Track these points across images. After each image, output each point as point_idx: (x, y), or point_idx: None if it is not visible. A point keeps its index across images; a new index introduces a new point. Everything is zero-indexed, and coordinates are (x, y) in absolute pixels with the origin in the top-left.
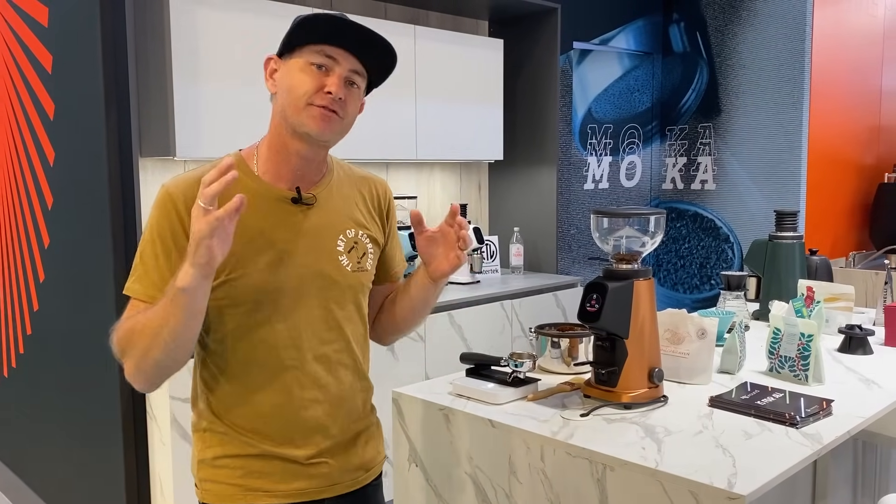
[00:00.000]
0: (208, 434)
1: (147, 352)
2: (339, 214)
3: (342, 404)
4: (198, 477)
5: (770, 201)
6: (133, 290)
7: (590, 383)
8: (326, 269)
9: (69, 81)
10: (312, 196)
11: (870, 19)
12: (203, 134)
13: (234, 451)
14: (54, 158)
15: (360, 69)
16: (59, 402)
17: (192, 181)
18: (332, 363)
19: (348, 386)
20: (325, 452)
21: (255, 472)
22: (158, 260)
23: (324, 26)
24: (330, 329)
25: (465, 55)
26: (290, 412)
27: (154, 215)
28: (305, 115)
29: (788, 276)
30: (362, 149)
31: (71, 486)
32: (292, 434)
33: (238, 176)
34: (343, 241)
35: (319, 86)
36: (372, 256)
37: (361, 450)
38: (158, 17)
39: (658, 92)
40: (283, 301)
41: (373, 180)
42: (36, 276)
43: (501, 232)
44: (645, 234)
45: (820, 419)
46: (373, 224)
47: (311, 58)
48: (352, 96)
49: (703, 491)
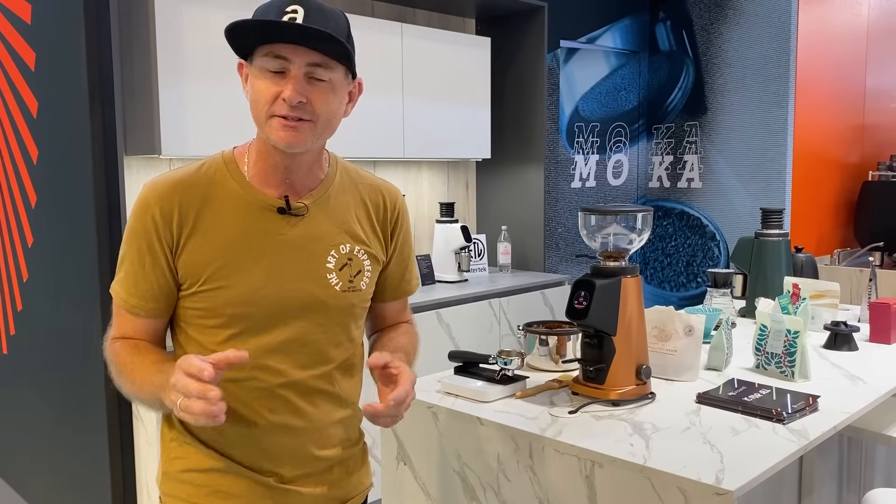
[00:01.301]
0: (175, 444)
1: (130, 393)
2: (334, 227)
3: (317, 433)
4: (161, 490)
5: (756, 199)
6: (115, 291)
7: (578, 380)
8: (310, 289)
9: (53, 79)
10: (303, 206)
11: (854, 18)
12: (189, 132)
13: (200, 464)
14: (38, 157)
15: (321, 60)
16: (43, 402)
17: (171, 185)
18: (307, 390)
19: (326, 414)
20: (296, 480)
21: (220, 491)
22: (134, 265)
23: (254, 30)
24: (309, 354)
25: (453, 53)
26: (257, 437)
27: (131, 219)
28: (269, 128)
29: (774, 273)
30: (349, 147)
31: (56, 488)
32: (259, 460)
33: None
34: (335, 257)
35: (276, 93)
36: (369, 275)
37: (341, 481)
38: (143, 13)
39: (645, 90)
40: (259, 320)
41: (382, 189)
42: (19, 276)
43: (489, 230)
44: (632, 231)
45: (806, 415)
46: (374, 239)
47: (265, 63)
48: (318, 92)
49: (691, 487)
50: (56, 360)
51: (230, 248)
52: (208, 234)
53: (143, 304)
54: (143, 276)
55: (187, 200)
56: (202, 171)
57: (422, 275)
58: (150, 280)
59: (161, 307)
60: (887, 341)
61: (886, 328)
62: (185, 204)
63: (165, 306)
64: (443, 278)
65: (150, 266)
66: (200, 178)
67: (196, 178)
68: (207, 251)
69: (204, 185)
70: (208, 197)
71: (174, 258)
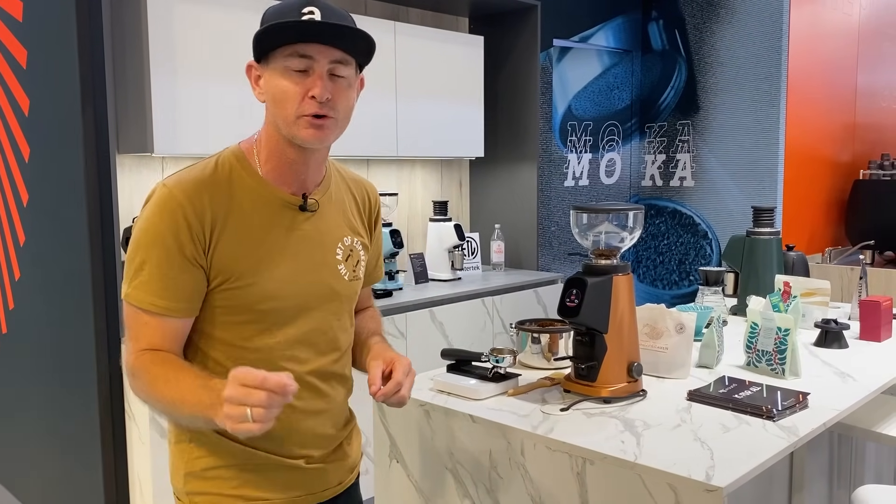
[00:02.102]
0: (194, 445)
1: (160, 409)
2: (337, 220)
3: (337, 412)
4: (184, 490)
5: (748, 198)
6: (135, 298)
7: (570, 378)
8: (327, 280)
9: (45, 77)
10: (316, 202)
11: (845, 18)
12: (181, 130)
13: (227, 460)
14: (29, 155)
15: (341, 57)
16: (35, 401)
17: (197, 184)
18: (328, 375)
19: (342, 394)
20: (322, 458)
21: (250, 481)
22: (162, 267)
23: (289, 30)
24: (328, 341)
25: (446, 52)
26: (287, 424)
27: (156, 218)
28: (297, 127)
29: (766, 271)
30: (342, 146)
31: (48, 486)
32: (290, 444)
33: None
34: (341, 248)
35: (303, 92)
36: (363, 263)
37: (349, 452)
38: (136, 11)
39: (637, 89)
40: (285, 313)
41: (363, 183)
42: (11, 275)
43: (482, 229)
44: (624, 229)
45: (796, 412)
46: (364, 230)
47: (288, 62)
48: (339, 89)
49: (681, 483)
50: (48, 359)
51: (257, 245)
52: (237, 232)
53: (175, 305)
54: (172, 277)
55: (217, 200)
56: (219, 170)
57: (415, 273)
58: (184, 279)
59: (194, 306)
60: (877, 339)
61: (876, 326)
62: (215, 203)
63: (197, 305)
64: (436, 276)
65: (180, 266)
66: (220, 177)
67: (217, 178)
68: (237, 250)
69: (226, 184)
70: (233, 196)
71: (206, 257)
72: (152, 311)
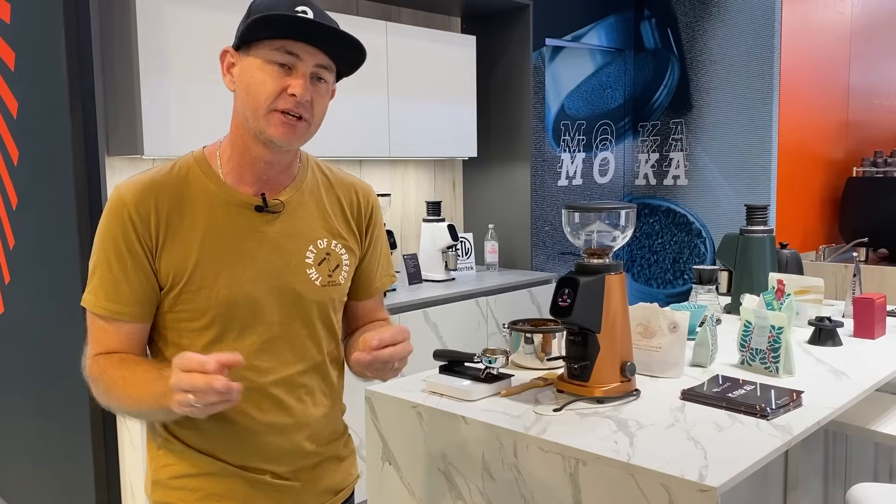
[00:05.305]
0: (163, 452)
1: (124, 410)
2: (311, 222)
3: (306, 428)
4: (152, 499)
5: (741, 196)
6: (88, 301)
7: (563, 378)
8: (291, 284)
9: (33, 79)
10: (280, 203)
11: (837, 16)
12: (171, 132)
13: (192, 469)
14: (18, 158)
15: (326, 62)
16: (26, 404)
17: (145, 185)
18: (294, 386)
19: (313, 409)
20: (293, 476)
21: (215, 493)
22: (112, 269)
23: (284, 22)
24: (293, 349)
25: (438, 52)
26: (248, 437)
27: (105, 221)
28: (267, 121)
29: (759, 269)
30: (334, 146)
31: (39, 490)
32: (253, 460)
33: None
34: (313, 252)
35: (282, 88)
36: (347, 269)
37: (331, 473)
38: (124, 12)
39: (630, 88)
40: (242, 318)
41: (355, 186)
42: (0, 278)
43: (476, 229)
44: (616, 228)
45: (790, 410)
46: (350, 234)
47: (272, 56)
48: (319, 94)
49: (674, 483)
50: (39, 363)
51: (209, 247)
52: (187, 234)
53: (125, 309)
54: (123, 279)
55: (163, 201)
56: (174, 171)
57: (409, 274)
58: (133, 282)
59: (145, 310)
60: (871, 336)
61: (870, 323)
62: (161, 204)
63: (149, 309)
64: (430, 277)
65: (131, 267)
66: (173, 178)
67: (169, 179)
68: (186, 252)
69: (178, 185)
70: (183, 197)
71: (154, 260)
72: (104, 316)
